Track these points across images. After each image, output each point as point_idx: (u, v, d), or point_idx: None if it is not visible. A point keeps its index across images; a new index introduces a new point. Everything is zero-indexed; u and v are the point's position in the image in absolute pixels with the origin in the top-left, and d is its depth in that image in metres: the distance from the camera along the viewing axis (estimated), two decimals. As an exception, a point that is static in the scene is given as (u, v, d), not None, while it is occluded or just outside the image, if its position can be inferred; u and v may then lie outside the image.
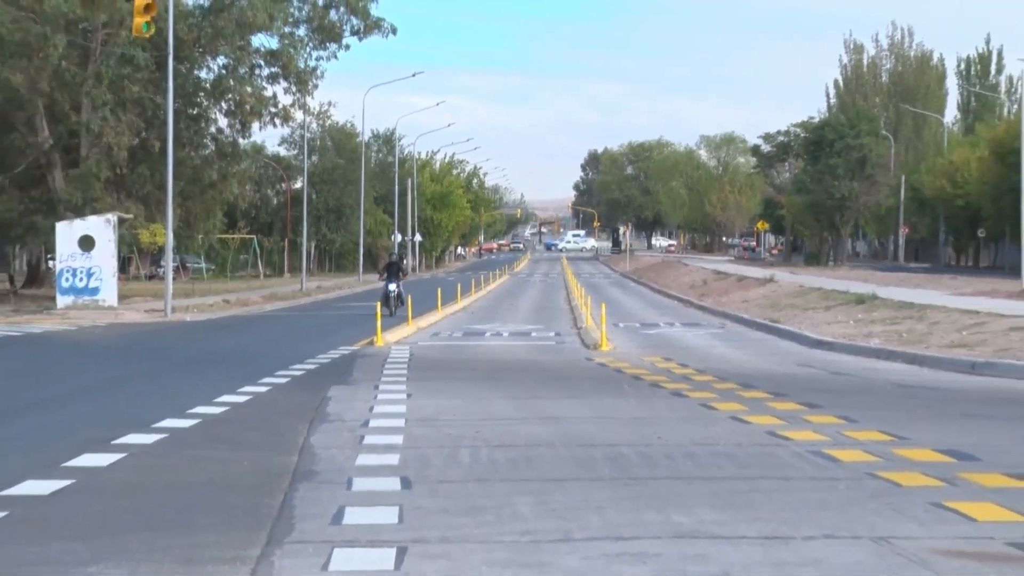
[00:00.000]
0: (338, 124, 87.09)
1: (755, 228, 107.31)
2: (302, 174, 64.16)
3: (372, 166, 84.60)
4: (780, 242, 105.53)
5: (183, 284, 49.69)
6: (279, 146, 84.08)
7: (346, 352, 21.61)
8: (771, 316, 30.18)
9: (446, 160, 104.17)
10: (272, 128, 50.83)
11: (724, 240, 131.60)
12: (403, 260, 55.00)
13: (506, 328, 29.55)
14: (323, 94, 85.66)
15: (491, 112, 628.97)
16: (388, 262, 36.20)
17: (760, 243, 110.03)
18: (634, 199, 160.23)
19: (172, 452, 10.11)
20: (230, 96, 43.94)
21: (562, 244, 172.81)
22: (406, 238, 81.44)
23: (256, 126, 45.50)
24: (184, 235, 46.30)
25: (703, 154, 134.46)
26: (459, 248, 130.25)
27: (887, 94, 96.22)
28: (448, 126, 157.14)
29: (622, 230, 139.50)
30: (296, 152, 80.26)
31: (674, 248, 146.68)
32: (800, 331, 25.31)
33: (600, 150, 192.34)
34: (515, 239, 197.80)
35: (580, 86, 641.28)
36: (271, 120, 44.87)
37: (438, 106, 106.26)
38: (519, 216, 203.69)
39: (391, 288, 33.78)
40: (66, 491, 8.31)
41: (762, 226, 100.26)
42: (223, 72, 44.00)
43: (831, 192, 71.65)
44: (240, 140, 47.11)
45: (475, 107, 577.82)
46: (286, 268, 74.05)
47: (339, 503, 7.84)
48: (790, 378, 16.99)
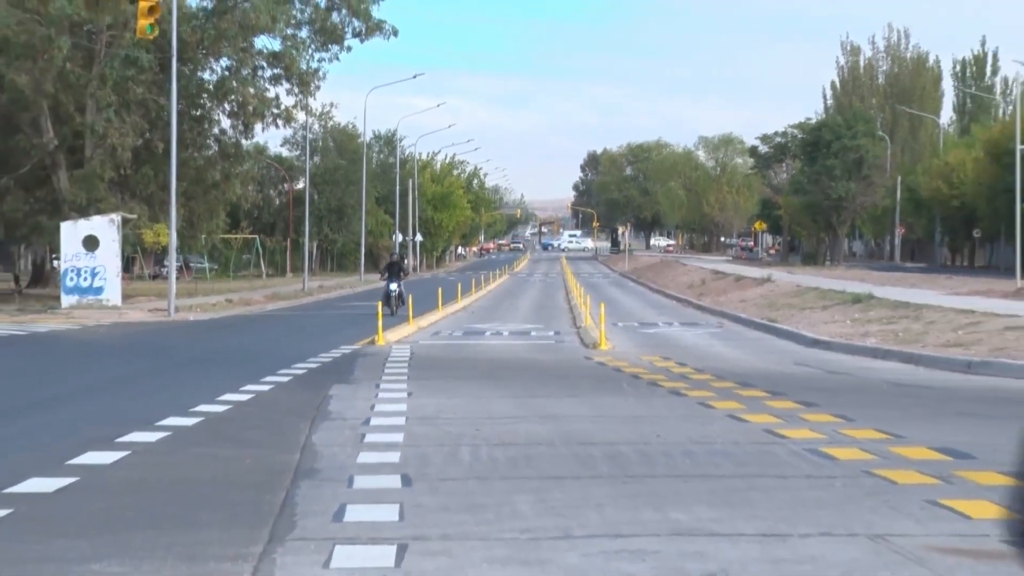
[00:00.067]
0: (340, 125, 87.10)
1: (753, 228, 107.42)
2: (304, 175, 64.00)
3: (373, 167, 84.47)
4: (777, 242, 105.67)
5: (186, 284, 49.77)
6: (281, 147, 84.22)
7: (347, 351, 21.62)
8: (768, 315, 30.16)
9: (447, 161, 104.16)
10: (274, 129, 51.14)
11: (722, 240, 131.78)
12: (404, 260, 55.01)
13: (506, 327, 29.54)
14: (325, 95, 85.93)
15: (491, 113, 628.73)
16: (389, 262, 36.15)
17: (758, 243, 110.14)
18: (633, 199, 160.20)
19: (175, 450, 10.12)
20: (233, 97, 44.03)
21: (559, 244, 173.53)
22: (407, 238, 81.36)
23: (259, 127, 45.84)
24: (187, 235, 46.39)
25: (701, 155, 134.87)
26: (460, 248, 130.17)
27: (883, 95, 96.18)
28: (449, 127, 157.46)
29: (621, 230, 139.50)
30: (298, 153, 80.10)
31: (672, 248, 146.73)
32: (797, 330, 25.29)
33: (599, 151, 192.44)
34: (515, 239, 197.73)
35: (580, 88, 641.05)
36: (273, 121, 45.05)
37: (439, 107, 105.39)
38: (519, 216, 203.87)
39: (392, 288, 33.72)
40: (70, 489, 8.32)
41: (760, 226, 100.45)
42: (226, 74, 44.21)
43: (828, 193, 71.86)
44: (243, 141, 47.30)
45: (475, 108, 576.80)
46: (288, 268, 73.97)
47: (340, 501, 7.84)
48: (787, 377, 16.97)
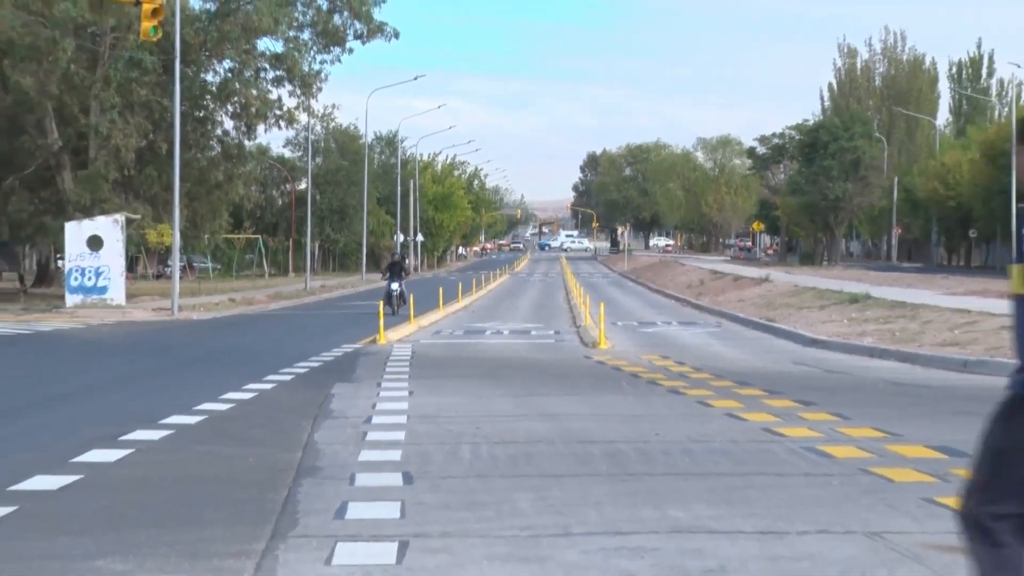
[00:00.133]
0: (342, 126, 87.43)
1: (751, 228, 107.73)
2: (306, 175, 64.23)
3: (375, 168, 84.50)
4: (775, 242, 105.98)
5: (190, 283, 49.86)
6: (284, 148, 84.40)
7: (349, 350, 21.64)
8: (766, 315, 30.27)
9: (447, 162, 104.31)
10: (277, 130, 51.03)
11: (721, 240, 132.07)
12: (405, 260, 55.06)
13: (506, 326, 29.58)
14: (327, 97, 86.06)
15: (492, 115, 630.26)
16: (391, 262, 36.22)
17: (756, 243, 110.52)
18: (632, 200, 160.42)
19: (178, 448, 10.15)
20: (236, 99, 44.17)
21: (558, 244, 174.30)
22: (408, 238, 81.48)
23: (261, 128, 45.97)
24: (191, 235, 46.52)
25: (700, 156, 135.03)
26: (460, 248, 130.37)
27: (880, 97, 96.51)
28: (449, 128, 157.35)
29: (620, 230, 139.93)
30: (300, 154, 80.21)
31: (671, 248, 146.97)
32: (795, 330, 25.36)
33: (599, 152, 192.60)
34: (515, 239, 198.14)
35: (579, 89, 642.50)
36: (276, 122, 45.24)
37: (440, 109, 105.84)
38: (519, 217, 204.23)
39: (393, 287, 33.74)
40: (74, 486, 8.35)
41: (758, 227, 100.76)
42: (229, 75, 44.31)
43: (825, 193, 72.10)
44: (246, 142, 47.46)
45: (476, 110, 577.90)
46: (291, 268, 74.09)
47: (342, 498, 7.87)
48: (785, 376, 16.99)
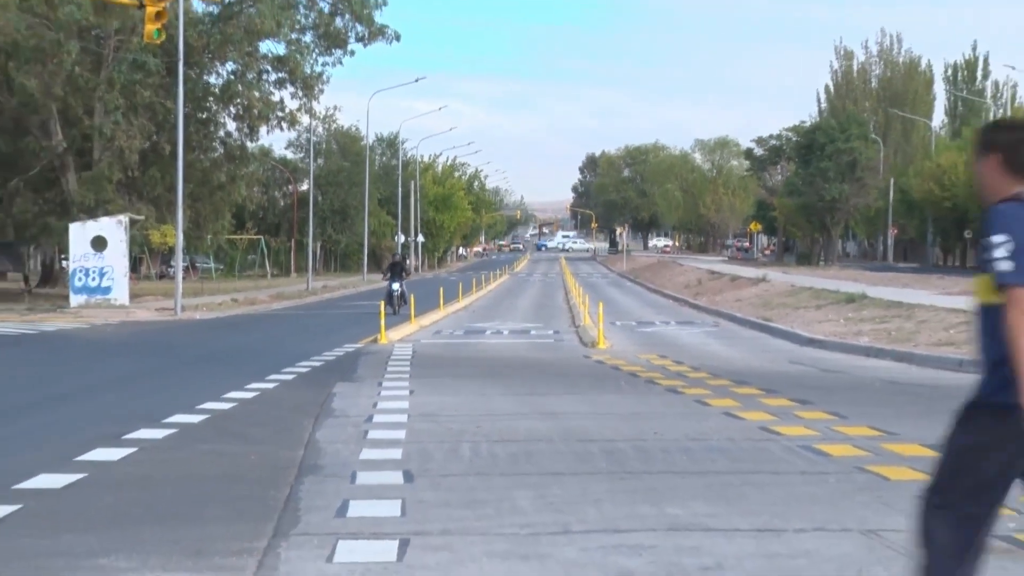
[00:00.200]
0: (343, 128, 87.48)
1: (748, 229, 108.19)
2: (308, 176, 64.38)
3: (376, 169, 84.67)
4: (772, 243, 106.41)
5: (193, 283, 49.90)
6: (286, 149, 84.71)
7: (351, 350, 21.77)
8: (763, 315, 30.39)
9: (448, 163, 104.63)
10: (279, 132, 51.49)
11: (718, 241, 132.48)
12: (406, 260, 55.42)
13: (506, 326, 29.69)
14: (329, 99, 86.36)
15: (492, 117, 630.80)
16: (392, 262, 36.31)
17: (753, 244, 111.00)
18: (631, 201, 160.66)
19: (181, 446, 10.22)
20: (238, 101, 44.48)
21: (552, 244, 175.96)
22: (409, 239, 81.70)
23: (264, 130, 46.32)
24: (194, 236, 46.48)
25: (697, 157, 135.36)
26: (461, 249, 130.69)
27: (876, 99, 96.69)
28: (450, 130, 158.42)
29: (619, 231, 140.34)
30: (302, 155, 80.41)
31: (670, 249, 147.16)
32: (792, 329, 25.45)
33: (598, 153, 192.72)
34: (515, 240, 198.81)
35: (579, 92, 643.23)
36: (278, 124, 45.58)
37: (440, 111, 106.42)
38: (519, 217, 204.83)
39: (394, 287, 33.87)
40: (78, 484, 8.40)
41: (755, 227, 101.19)
42: (232, 77, 44.62)
43: (822, 194, 72.47)
44: (248, 143, 47.75)
45: (476, 112, 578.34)
46: (293, 268, 74.10)
47: (343, 496, 7.92)
48: (782, 375, 17.06)
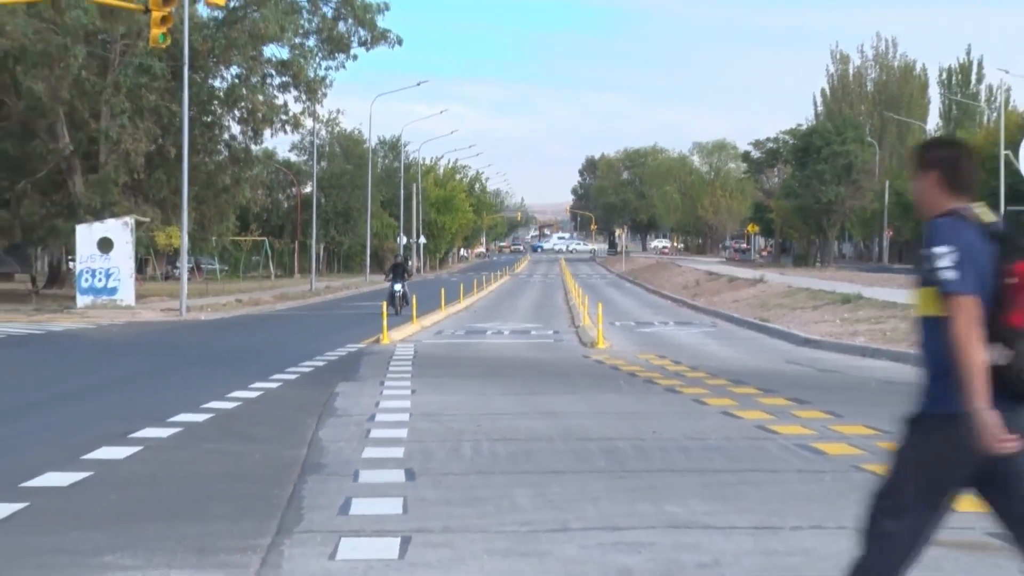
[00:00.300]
0: (346, 131, 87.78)
1: (745, 231, 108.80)
2: (312, 179, 64.62)
3: (379, 171, 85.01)
4: (769, 244, 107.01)
5: (198, 284, 49.91)
6: (290, 152, 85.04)
7: (353, 350, 21.88)
8: (761, 315, 30.57)
9: (449, 166, 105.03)
10: (283, 135, 51.90)
11: (716, 242, 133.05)
12: (408, 261, 55.60)
13: (507, 327, 29.86)
14: (332, 102, 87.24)
15: (493, 120, 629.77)
16: (394, 263, 36.56)
17: (750, 245, 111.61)
18: (630, 203, 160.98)
19: (186, 445, 10.29)
20: (243, 104, 44.87)
21: (548, 246, 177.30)
22: (411, 240, 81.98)
23: (268, 133, 46.79)
24: (199, 237, 46.67)
25: (696, 160, 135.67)
26: (462, 250, 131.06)
27: (872, 102, 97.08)
28: (451, 133, 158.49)
29: (618, 233, 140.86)
30: (306, 158, 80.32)
31: (668, 250, 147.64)
32: (788, 330, 25.54)
33: (597, 156, 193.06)
34: (515, 242, 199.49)
35: (579, 96, 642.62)
36: (282, 127, 46.08)
37: (442, 114, 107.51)
38: (519, 219, 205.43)
39: (396, 288, 34.09)
40: (84, 483, 8.46)
41: (752, 229, 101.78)
42: (236, 81, 45.00)
43: (818, 196, 73.06)
44: (252, 146, 48.11)
45: (477, 115, 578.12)
46: (296, 269, 74.35)
47: (346, 494, 7.96)
48: (779, 375, 17.12)
